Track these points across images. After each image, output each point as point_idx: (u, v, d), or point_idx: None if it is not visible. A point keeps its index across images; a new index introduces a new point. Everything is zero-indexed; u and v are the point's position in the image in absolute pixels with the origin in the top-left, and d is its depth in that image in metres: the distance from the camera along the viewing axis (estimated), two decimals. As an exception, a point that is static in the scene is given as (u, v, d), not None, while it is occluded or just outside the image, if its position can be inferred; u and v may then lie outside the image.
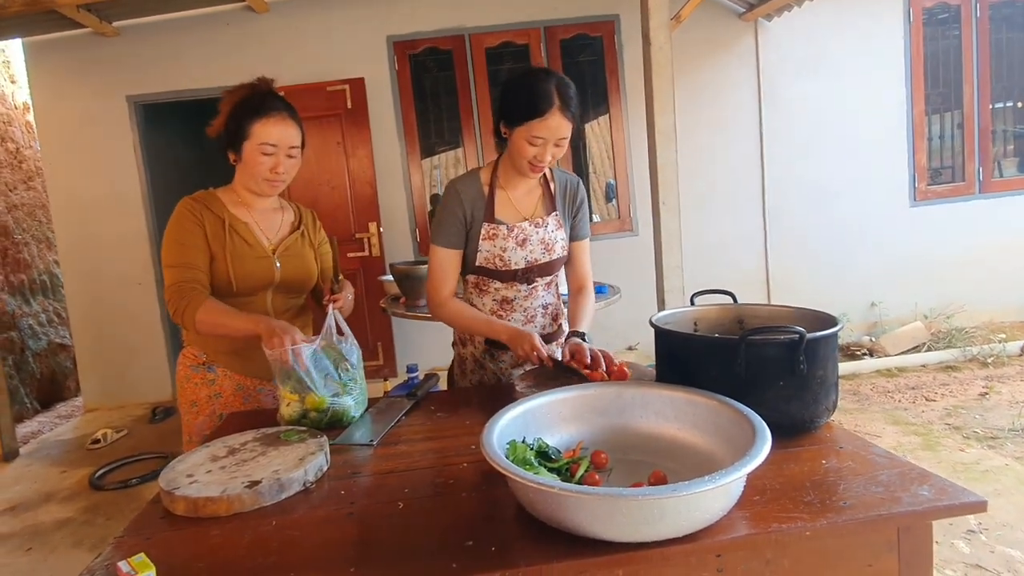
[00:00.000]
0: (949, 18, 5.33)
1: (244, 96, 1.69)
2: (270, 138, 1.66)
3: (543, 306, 1.86)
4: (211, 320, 1.59)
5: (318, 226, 1.96)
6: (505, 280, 1.78)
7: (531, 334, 1.58)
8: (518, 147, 1.63)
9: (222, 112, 1.71)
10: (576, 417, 1.21)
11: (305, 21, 4.94)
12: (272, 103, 1.68)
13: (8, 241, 5.50)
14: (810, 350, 1.14)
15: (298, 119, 1.74)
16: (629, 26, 5.06)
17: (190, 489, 1.10)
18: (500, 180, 1.76)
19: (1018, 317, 5.50)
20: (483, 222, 1.73)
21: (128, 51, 4.83)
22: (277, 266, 1.75)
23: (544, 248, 1.77)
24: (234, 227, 1.72)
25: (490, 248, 1.74)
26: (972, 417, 3.73)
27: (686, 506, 0.86)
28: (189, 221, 1.67)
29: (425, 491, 1.12)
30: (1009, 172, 5.56)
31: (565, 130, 1.60)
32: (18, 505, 3.49)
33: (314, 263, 1.86)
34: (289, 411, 1.45)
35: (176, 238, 1.66)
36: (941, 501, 0.94)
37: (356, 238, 4.98)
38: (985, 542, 2.48)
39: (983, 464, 3.13)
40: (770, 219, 5.42)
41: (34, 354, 5.51)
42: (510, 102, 1.63)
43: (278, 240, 1.80)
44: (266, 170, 1.69)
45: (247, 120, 1.66)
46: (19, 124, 5.97)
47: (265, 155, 1.67)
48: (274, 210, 1.84)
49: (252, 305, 1.73)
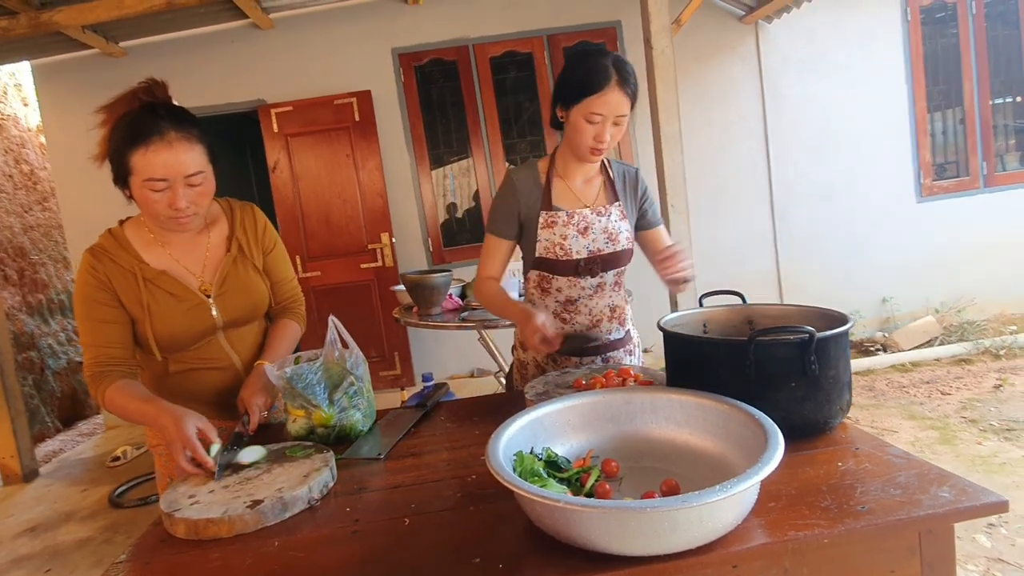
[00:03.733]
0: (946, 16, 5.37)
1: (121, 115, 1.34)
2: (155, 172, 1.30)
3: (610, 308, 1.76)
4: (116, 408, 1.37)
5: (261, 226, 1.60)
6: (567, 273, 1.68)
7: (536, 314, 1.49)
8: (576, 127, 1.57)
9: (102, 136, 1.37)
10: (585, 425, 1.19)
11: (310, 36, 4.98)
12: (152, 125, 1.30)
13: (25, 262, 5.57)
14: (820, 349, 1.11)
15: (194, 133, 1.35)
16: (631, 32, 5.07)
17: (191, 511, 1.08)
18: (558, 169, 1.71)
19: None
20: (540, 211, 1.67)
21: (135, 71, 4.81)
22: (214, 312, 1.49)
23: (608, 238, 1.68)
24: (150, 280, 1.43)
25: (549, 236, 1.66)
26: (987, 410, 3.71)
27: (699, 517, 0.83)
28: (93, 287, 1.40)
29: (432, 506, 1.10)
30: (1012, 166, 5.59)
31: (624, 107, 1.53)
32: (38, 525, 3.51)
33: (262, 286, 1.57)
34: (296, 427, 1.44)
35: (83, 311, 1.41)
36: (962, 503, 0.91)
37: (368, 249, 5.00)
38: (1006, 535, 2.44)
39: (1000, 457, 3.11)
40: (778, 219, 5.42)
41: (54, 373, 5.57)
42: (566, 81, 1.58)
43: (211, 274, 1.50)
44: (163, 208, 1.35)
45: (124, 151, 1.31)
46: (33, 146, 6.07)
47: (156, 192, 1.33)
48: (198, 233, 1.51)
49: (208, 351, 1.52)
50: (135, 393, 1.37)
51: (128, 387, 1.39)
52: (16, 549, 3.26)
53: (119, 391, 1.37)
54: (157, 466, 1.61)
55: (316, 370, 1.44)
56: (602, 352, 1.79)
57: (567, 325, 1.74)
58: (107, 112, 1.37)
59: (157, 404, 1.33)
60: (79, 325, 1.44)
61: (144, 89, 1.36)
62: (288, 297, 1.69)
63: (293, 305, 1.70)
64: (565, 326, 1.74)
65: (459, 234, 5.38)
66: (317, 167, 4.94)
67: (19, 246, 5.55)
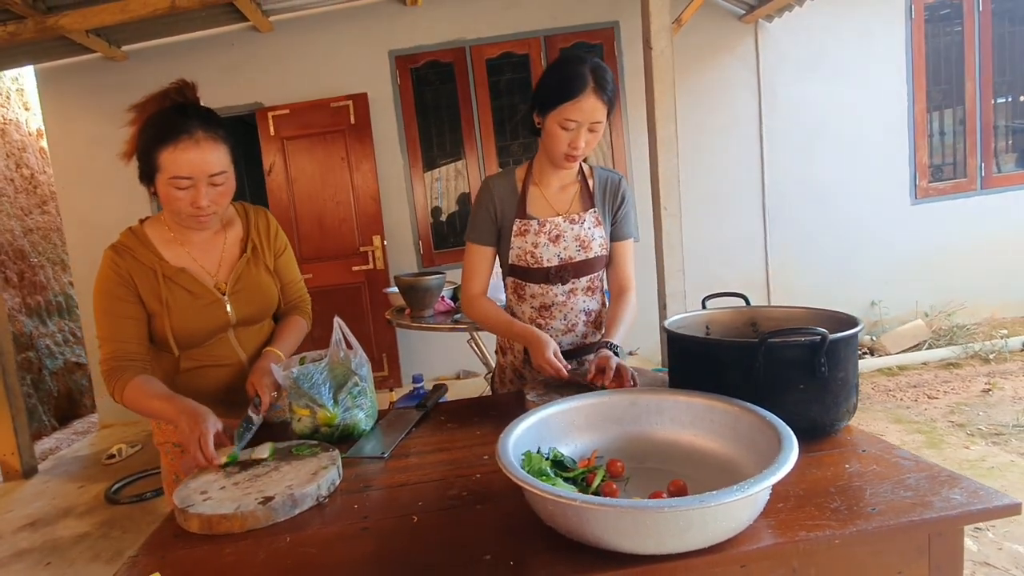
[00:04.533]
0: (951, 13, 5.29)
1: (152, 114, 1.39)
2: (181, 170, 1.35)
3: (585, 312, 1.76)
4: (135, 404, 1.40)
5: (272, 229, 1.65)
6: (538, 280, 1.70)
7: (549, 343, 1.52)
8: (551, 133, 1.57)
9: (131, 134, 1.42)
10: (590, 426, 1.19)
11: (308, 39, 4.98)
12: (181, 124, 1.35)
13: (24, 264, 5.56)
14: (831, 351, 1.12)
15: (220, 134, 1.40)
16: (628, 32, 5.07)
17: (204, 506, 1.09)
18: (535, 177, 1.72)
19: (1019, 312, 5.45)
20: (515, 218, 1.68)
21: (137, 74, 4.86)
22: (229, 310, 1.53)
23: (579, 245, 1.69)
24: (170, 277, 1.47)
25: (522, 244, 1.68)
26: (975, 414, 3.69)
27: (713, 517, 0.83)
28: (114, 283, 1.44)
29: (438, 504, 1.09)
30: (1007, 167, 5.52)
31: (599, 113, 1.53)
32: (38, 520, 3.52)
33: (273, 287, 1.62)
34: (300, 426, 1.44)
35: (103, 306, 1.45)
36: (974, 505, 0.91)
37: (361, 251, 4.99)
38: (993, 539, 2.44)
39: (988, 461, 3.09)
40: (770, 220, 5.39)
41: (51, 373, 5.57)
42: (543, 88, 1.58)
43: (226, 273, 1.55)
44: (186, 205, 1.40)
45: (153, 149, 1.35)
46: (33, 150, 6.06)
47: (180, 189, 1.38)
48: (215, 234, 1.57)
49: (218, 348, 1.56)
50: (154, 390, 1.39)
51: (147, 383, 1.41)
52: (17, 543, 3.28)
53: (137, 387, 1.39)
54: (163, 463, 1.61)
55: (322, 370, 1.44)
56: (577, 355, 1.78)
57: (542, 330, 1.67)
58: (138, 111, 1.41)
59: (176, 403, 1.35)
60: (97, 320, 1.46)
61: (175, 89, 1.42)
62: (296, 297, 1.73)
63: (301, 304, 1.74)
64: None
65: (449, 236, 5.37)
66: (312, 170, 4.93)
67: (19, 249, 5.54)
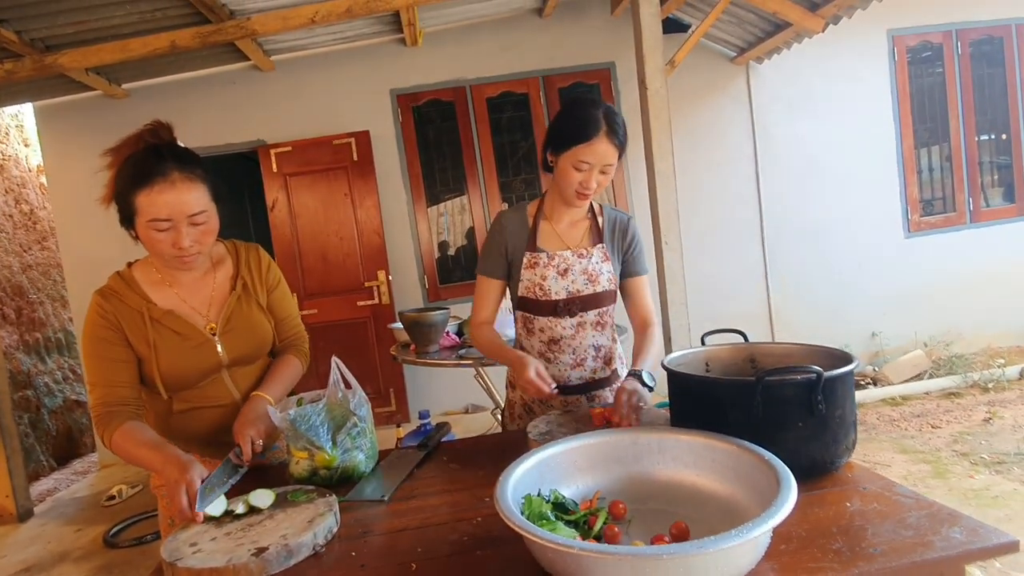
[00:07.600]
0: (932, 55, 5.51)
1: (127, 156, 1.37)
2: (159, 212, 1.32)
3: (594, 347, 1.78)
4: (123, 452, 1.37)
5: (265, 265, 1.62)
6: (546, 313, 1.73)
7: (530, 362, 1.53)
8: (564, 172, 1.63)
9: (108, 179, 1.40)
10: (592, 466, 1.18)
11: (310, 78, 5.07)
12: (155, 166, 1.32)
13: (23, 301, 5.56)
14: (828, 389, 1.12)
15: (197, 173, 1.37)
16: (624, 73, 5.19)
17: (193, 559, 1.05)
18: (546, 212, 1.77)
19: (1015, 342, 5.56)
20: (525, 251, 1.73)
21: (137, 112, 4.89)
22: (220, 350, 1.50)
23: (587, 279, 1.72)
24: (157, 319, 1.45)
25: (531, 277, 1.72)
26: (978, 443, 3.73)
27: (714, 563, 0.82)
28: (102, 327, 1.42)
29: (439, 550, 1.08)
30: (995, 202, 5.70)
31: (611, 156, 1.60)
32: (32, 566, 3.45)
33: (266, 324, 1.59)
34: (298, 469, 1.42)
35: (91, 351, 1.43)
36: (974, 543, 0.91)
37: (366, 287, 5.01)
38: (1000, 569, 2.43)
39: (993, 490, 3.11)
40: (769, 255, 5.49)
41: (50, 411, 5.52)
42: (558, 128, 1.65)
43: (216, 313, 1.52)
44: (167, 247, 1.37)
45: (129, 192, 1.33)
46: (33, 186, 6.11)
47: (160, 231, 1.35)
48: (204, 273, 1.54)
49: (212, 389, 1.53)
50: (142, 438, 1.37)
51: (135, 430, 1.39)
52: (10, 591, 3.21)
53: (126, 435, 1.38)
54: (160, 507, 1.59)
55: (319, 411, 1.43)
56: (586, 391, 1.80)
57: (551, 365, 1.76)
58: (113, 154, 1.39)
59: (164, 452, 1.33)
60: (86, 364, 1.45)
61: (149, 131, 1.40)
62: (292, 334, 1.70)
63: (297, 342, 1.71)
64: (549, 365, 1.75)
65: (454, 271, 5.41)
66: (315, 206, 4.98)
67: (17, 285, 5.54)
